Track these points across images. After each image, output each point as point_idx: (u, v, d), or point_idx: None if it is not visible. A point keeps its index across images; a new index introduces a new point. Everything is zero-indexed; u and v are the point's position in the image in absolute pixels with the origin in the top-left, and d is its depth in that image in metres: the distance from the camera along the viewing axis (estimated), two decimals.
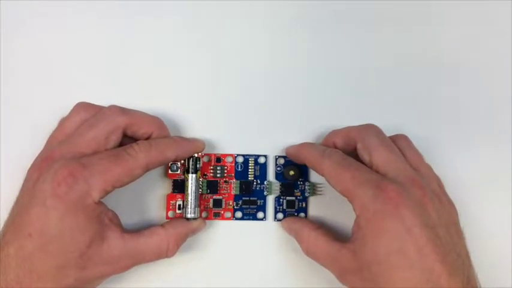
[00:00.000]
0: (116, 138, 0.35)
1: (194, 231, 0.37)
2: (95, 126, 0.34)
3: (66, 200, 0.32)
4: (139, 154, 0.34)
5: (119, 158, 0.33)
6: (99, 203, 0.33)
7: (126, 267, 0.34)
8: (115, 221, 0.34)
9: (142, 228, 0.35)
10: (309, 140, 0.39)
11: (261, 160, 0.39)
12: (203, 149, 0.38)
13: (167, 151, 0.35)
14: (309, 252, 0.36)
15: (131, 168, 0.33)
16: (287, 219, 0.38)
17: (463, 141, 0.40)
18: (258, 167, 0.39)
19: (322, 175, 0.35)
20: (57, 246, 0.31)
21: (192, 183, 0.37)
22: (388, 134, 0.36)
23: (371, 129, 0.36)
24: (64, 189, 0.32)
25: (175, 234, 0.35)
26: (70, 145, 0.34)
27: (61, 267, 0.32)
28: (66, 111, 0.38)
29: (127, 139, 0.36)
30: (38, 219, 0.31)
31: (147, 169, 0.34)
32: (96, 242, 0.32)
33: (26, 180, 0.35)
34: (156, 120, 0.37)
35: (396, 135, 0.37)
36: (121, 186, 0.34)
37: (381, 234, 0.31)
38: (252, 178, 0.39)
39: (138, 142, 0.35)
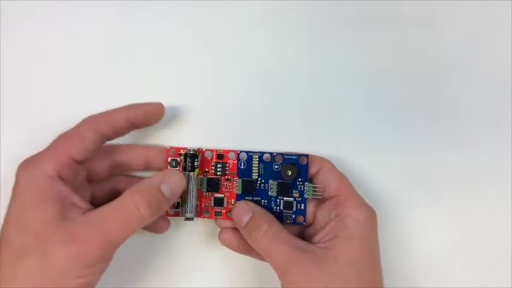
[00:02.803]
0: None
1: (164, 180, 0.32)
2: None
3: (20, 178, 0.32)
4: (82, 121, 0.34)
5: (66, 133, 0.34)
6: (58, 180, 0.32)
7: (95, 245, 0.30)
8: (80, 204, 0.32)
9: None
10: (310, 139, 0.38)
11: (266, 158, 0.36)
12: (161, 113, 0.36)
13: (115, 112, 0.35)
14: (269, 242, 0.33)
15: (79, 132, 0.33)
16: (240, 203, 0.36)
17: (463, 141, 0.39)
18: (262, 165, 0.36)
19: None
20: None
21: (189, 182, 0.35)
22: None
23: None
24: (20, 169, 0.32)
25: (140, 189, 0.32)
26: None
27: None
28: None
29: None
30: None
31: (97, 131, 0.33)
32: (55, 221, 0.30)
33: None
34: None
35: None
36: (78, 156, 0.33)
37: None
38: (256, 177, 0.36)
39: None
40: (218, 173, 0.36)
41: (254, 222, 0.34)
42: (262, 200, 0.36)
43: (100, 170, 0.35)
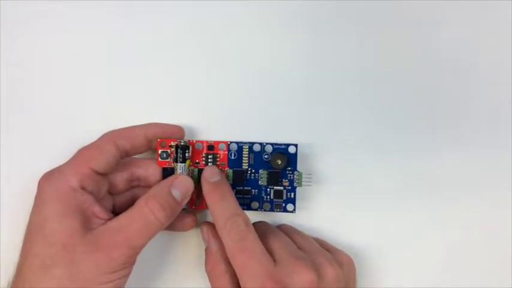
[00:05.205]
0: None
1: (173, 184, 0.34)
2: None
3: (42, 190, 0.32)
4: (102, 135, 0.35)
5: (86, 146, 0.34)
6: (81, 191, 0.32)
7: (119, 252, 0.32)
8: (101, 215, 0.33)
9: None
10: (309, 139, 0.38)
11: (256, 148, 0.37)
12: (180, 136, 0.37)
13: (134, 128, 0.36)
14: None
15: (99, 145, 0.34)
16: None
17: (463, 141, 0.39)
18: (252, 155, 0.37)
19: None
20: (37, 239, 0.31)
21: (180, 173, 0.35)
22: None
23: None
24: (42, 181, 0.33)
25: (153, 195, 0.33)
26: None
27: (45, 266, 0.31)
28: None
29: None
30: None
31: (116, 145, 0.34)
32: (79, 231, 0.31)
33: None
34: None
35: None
36: (98, 168, 0.33)
37: None
38: (246, 167, 0.37)
39: None
40: (209, 164, 0.37)
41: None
42: (253, 190, 0.36)
43: (119, 183, 0.36)
